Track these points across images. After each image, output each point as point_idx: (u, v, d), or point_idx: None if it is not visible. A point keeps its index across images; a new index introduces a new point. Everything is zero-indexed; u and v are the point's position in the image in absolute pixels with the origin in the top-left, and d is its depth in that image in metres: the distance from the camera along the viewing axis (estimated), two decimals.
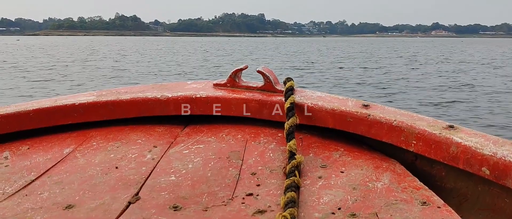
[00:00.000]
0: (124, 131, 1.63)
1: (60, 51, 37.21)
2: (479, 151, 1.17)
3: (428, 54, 35.59)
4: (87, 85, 13.12)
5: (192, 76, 16.71)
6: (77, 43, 65.49)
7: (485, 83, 13.94)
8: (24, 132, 1.61)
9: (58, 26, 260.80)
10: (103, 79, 15.02)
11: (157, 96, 1.69)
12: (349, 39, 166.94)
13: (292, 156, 1.26)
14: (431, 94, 11.45)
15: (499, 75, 16.85)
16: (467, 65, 22.79)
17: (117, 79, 14.90)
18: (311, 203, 1.06)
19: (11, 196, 1.09)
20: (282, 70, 19.03)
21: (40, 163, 1.34)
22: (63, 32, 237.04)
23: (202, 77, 16.07)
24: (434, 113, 8.56)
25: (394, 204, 1.05)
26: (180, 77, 16.17)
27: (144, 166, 1.29)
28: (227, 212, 1.00)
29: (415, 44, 78.13)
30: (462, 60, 26.89)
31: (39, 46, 52.48)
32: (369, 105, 1.54)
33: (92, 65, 21.55)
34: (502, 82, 14.42)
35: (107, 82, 14.10)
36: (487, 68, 20.46)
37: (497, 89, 12.53)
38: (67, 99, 1.72)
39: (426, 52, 38.68)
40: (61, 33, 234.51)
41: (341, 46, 62.76)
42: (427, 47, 54.46)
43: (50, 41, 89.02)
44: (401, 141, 1.38)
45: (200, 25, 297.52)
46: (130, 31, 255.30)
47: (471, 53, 37.60)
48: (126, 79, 14.95)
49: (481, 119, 8.15)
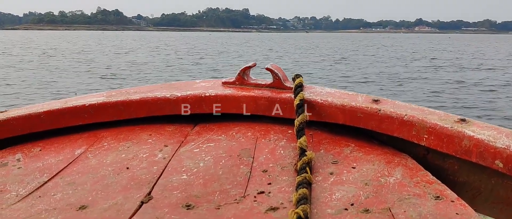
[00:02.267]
0: (134, 131, 1.62)
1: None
2: (492, 144, 1.18)
3: (442, 55, 31.71)
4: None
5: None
6: (43, 39, 63.01)
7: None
8: (35, 133, 1.61)
9: (39, 20, 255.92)
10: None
11: (166, 96, 1.69)
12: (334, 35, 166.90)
13: (303, 152, 1.26)
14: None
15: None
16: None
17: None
18: (323, 199, 1.06)
19: (25, 197, 1.09)
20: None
21: (52, 164, 1.33)
22: (44, 27, 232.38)
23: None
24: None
25: (407, 199, 1.05)
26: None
27: (156, 165, 1.29)
28: (240, 210, 1.00)
29: (409, 40, 77.04)
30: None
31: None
32: (379, 100, 1.53)
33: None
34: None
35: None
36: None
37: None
38: (77, 100, 1.71)
39: (442, 53, 34.34)
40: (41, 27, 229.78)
41: (340, 43, 61.86)
42: (428, 44, 53.29)
43: (21, 35, 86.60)
44: (412, 135, 1.37)
45: (183, 20, 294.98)
46: (112, 26, 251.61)
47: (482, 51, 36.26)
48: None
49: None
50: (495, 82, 14.88)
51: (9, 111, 1.65)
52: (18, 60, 22.90)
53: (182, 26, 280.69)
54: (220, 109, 1.68)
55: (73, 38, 71.07)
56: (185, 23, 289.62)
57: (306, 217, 0.91)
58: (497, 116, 9.07)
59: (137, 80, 14.98)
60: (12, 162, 1.38)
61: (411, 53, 33.56)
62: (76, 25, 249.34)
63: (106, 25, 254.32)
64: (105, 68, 19.09)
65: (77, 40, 57.77)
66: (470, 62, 24.69)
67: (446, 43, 61.56)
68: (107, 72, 17.45)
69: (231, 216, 0.97)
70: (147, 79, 15.16)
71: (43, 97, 11.03)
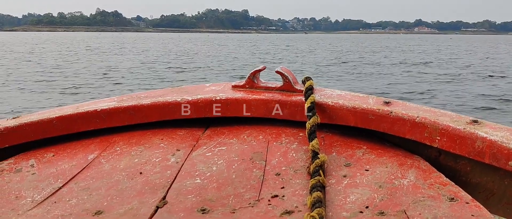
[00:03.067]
0: (146, 135, 1.63)
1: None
2: (505, 145, 1.17)
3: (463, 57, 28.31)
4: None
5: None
6: (34, 40, 61.54)
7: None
8: (47, 139, 1.62)
9: (38, 21, 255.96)
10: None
11: (177, 100, 1.69)
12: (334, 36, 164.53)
13: (315, 155, 1.26)
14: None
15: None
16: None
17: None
18: (338, 202, 1.06)
19: (40, 203, 1.10)
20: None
21: (66, 170, 1.34)
22: (42, 28, 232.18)
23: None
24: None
25: (422, 201, 1.05)
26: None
27: (169, 169, 1.29)
28: (255, 214, 1.00)
29: (412, 42, 71.73)
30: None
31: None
32: (390, 102, 1.53)
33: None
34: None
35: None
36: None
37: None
38: (89, 105, 1.72)
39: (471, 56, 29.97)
40: (40, 28, 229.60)
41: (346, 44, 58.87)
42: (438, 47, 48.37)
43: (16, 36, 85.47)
44: (424, 137, 1.37)
45: (183, 21, 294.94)
46: (112, 27, 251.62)
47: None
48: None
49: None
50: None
51: (22, 117, 1.65)
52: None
53: (182, 27, 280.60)
54: (230, 113, 1.68)
55: (59, 39, 69.06)
56: (184, 24, 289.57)
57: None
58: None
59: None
60: (26, 168, 1.38)
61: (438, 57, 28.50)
62: (75, 26, 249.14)
63: (105, 26, 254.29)
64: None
65: (62, 41, 56.09)
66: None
67: (455, 44, 58.89)
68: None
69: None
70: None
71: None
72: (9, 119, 1.63)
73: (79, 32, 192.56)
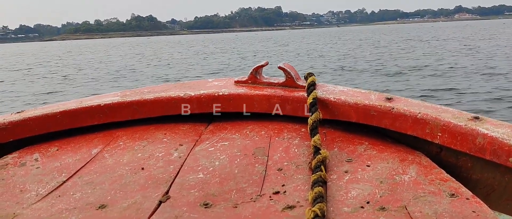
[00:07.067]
0: (149, 130, 1.64)
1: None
2: (506, 142, 1.18)
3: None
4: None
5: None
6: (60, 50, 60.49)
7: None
8: (51, 133, 1.64)
9: (75, 30, 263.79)
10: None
11: (180, 95, 1.71)
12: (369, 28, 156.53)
13: (317, 151, 1.26)
14: None
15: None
16: None
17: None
18: (339, 197, 1.06)
19: (45, 197, 1.12)
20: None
21: (70, 164, 1.36)
22: (80, 36, 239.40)
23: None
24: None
25: (423, 197, 1.05)
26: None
27: (172, 164, 1.31)
28: (257, 208, 1.01)
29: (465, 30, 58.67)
30: None
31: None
32: (392, 98, 1.53)
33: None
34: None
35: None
36: None
37: None
38: (92, 100, 1.74)
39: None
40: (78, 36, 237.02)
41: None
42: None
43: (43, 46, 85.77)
44: (426, 133, 1.37)
45: (216, 22, 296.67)
46: (147, 32, 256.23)
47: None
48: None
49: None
50: None
51: (26, 112, 1.67)
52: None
53: (215, 27, 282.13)
54: (233, 108, 1.68)
55: (87, 48, 66.91)
56: (218, 24, 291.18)
57: (323, 215, 0.92)
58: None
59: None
60: (30, 162, 1.40)
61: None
62: (111, 33, 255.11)
63: (140, 31, 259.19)
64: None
65: (85, 51, 53.47)
66: None
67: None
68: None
69: (249, 214, 0.98)
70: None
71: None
72: (14, 114, 1.65)
73: (115, 38, 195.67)
